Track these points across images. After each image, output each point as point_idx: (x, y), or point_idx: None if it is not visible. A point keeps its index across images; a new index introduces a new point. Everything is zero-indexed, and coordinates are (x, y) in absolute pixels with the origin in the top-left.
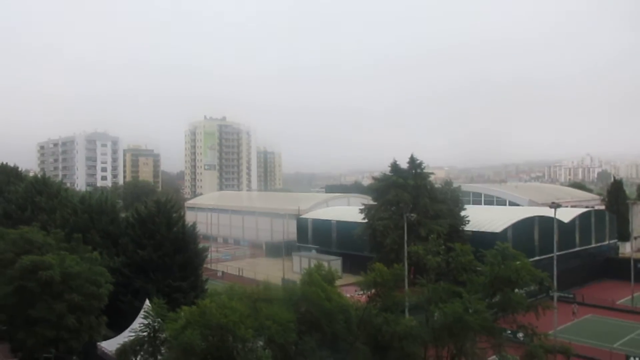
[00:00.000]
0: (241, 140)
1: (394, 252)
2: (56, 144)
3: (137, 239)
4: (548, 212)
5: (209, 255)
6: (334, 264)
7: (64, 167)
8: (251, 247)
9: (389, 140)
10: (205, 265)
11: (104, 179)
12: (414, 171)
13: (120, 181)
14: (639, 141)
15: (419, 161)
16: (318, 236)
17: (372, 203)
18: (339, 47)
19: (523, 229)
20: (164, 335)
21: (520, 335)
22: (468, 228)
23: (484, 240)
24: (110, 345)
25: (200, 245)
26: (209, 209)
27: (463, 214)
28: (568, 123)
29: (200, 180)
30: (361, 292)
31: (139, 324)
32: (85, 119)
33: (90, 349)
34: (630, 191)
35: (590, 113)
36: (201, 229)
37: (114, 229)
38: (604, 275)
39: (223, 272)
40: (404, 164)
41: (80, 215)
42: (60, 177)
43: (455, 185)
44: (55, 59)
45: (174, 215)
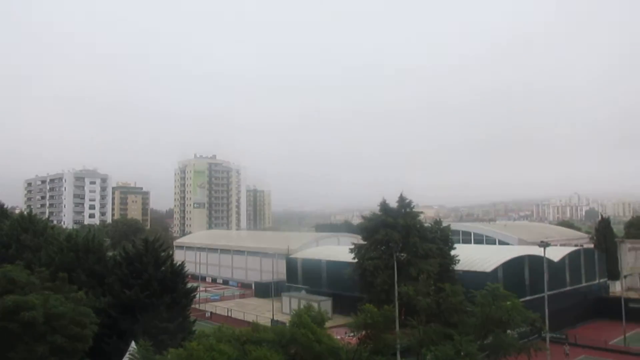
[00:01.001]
0: (231, 178)
1: (384, 293)
2: (44, 181)
3: (124, 279)
4: (538, 251)
5: (198, 296)
6: (324, 304)
7: (51, 205)
8: (240, 287)
9: (379, 179)
10: (193, 306)
11: (91, 216)
12: (403, 210)
13: (109, 219)
14: (624, 180)
15: (408, 200)
16: (308, 276)
17: (362, 242)
18: (332, 90)
19: (513, 269)
20: None
21: None
22: (458, 267)
23: (474, 279)
24: None
25: (189, 285)
26: (198, 248)
27: (453, 253)
28: (555, 162)
29: (190, 218)
30: (352, 334)
31: None
32: (75, 157)
33: None
34: (618, 229)
35: (577, 152)
36: (190, 268)
37: (100, 268)
38: (596, 315)
39: (211, 313)
40: (393, 203)
41: (66, 253)
42: (47, 215)
43: (444, 224)
44: (46, 95)
45: (162, 254)
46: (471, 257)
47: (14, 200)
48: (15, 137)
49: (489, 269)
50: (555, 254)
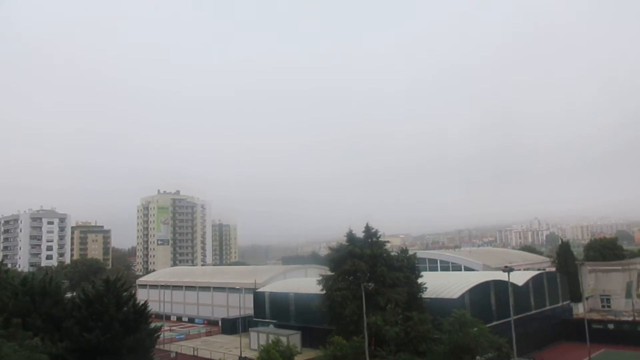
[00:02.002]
0: (195, 214)
1: (353, 323)
2: None
3: (84, 321)
4: (502, 276)
5: (162, 335)
6: (293, 338)
7: (6, 247)
8: (207, 325)
9: (344, 210)
10: (157, 346)
11: (49, 257)
12: (370, 240)
13: (67, 260)
14: (581, 204)
15: (374, 230)
16: (276, 310)
17: (330, 273)
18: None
19: (479, 294)
20: None
21: None
22: (426, 295)
23: (442, 306)
24: None
25: (152, 324)
26: (162, 286)
27: (420, 281)
28: (516, 189)
29: (153, 256)
30: None
31: None
32: (32, 198)
33: None
34: (578, 252)
35: (536, 178)
36: (154, 307)
37: (57, 312)
38: (561, 337)
39: (176, 353)
40: (359, 233)
41: (21, 298)
42: (0, 258)
43: (411, 252)
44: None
45: (124, 293)
46: (438, 284)
47: None
48: None
49: (456, 295)
50: (519, 278)
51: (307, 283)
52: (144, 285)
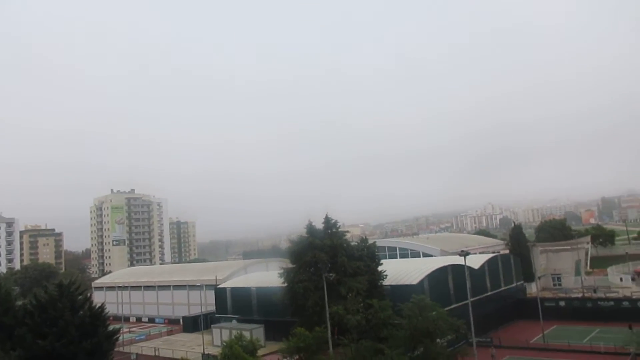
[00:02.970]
0: (152, 212)
1: (316, 314)
2: None
3: (37, 328)
4: (459, 261)
5: (121, 337)
6: (256, 332)
7: None
8: (167, 324)
9: (304, 203)
10: (117, 349)
11: None
12: (329, 231)
13: (17, 265)
14: (532, 188)
15: (333, 221)
16: (238, 305)
17: (291, 266)
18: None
19: (438, 279)
20: None
21: None
22: (386, 282)
23: (402, 293)
24: None
25: (111, 327)
26: (119, 287)
27: (380, 269)
28: (470, 175)
29: (109, 257)
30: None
31: None
32: None
33: None
34: (529, 234)
35: (488, 165)
36: (111, 309)
37: (8, 320)
38: (516, 316)
39: (137, 354)
40: (319, 225)
41: None
42: None
43: (370, 241)
44: None
45: (80, 297)
46: (398, 271)
47: None
48: None
49: (415, 281)
50: (476, 261)
51: (269, 277)
52: (100, 288)
